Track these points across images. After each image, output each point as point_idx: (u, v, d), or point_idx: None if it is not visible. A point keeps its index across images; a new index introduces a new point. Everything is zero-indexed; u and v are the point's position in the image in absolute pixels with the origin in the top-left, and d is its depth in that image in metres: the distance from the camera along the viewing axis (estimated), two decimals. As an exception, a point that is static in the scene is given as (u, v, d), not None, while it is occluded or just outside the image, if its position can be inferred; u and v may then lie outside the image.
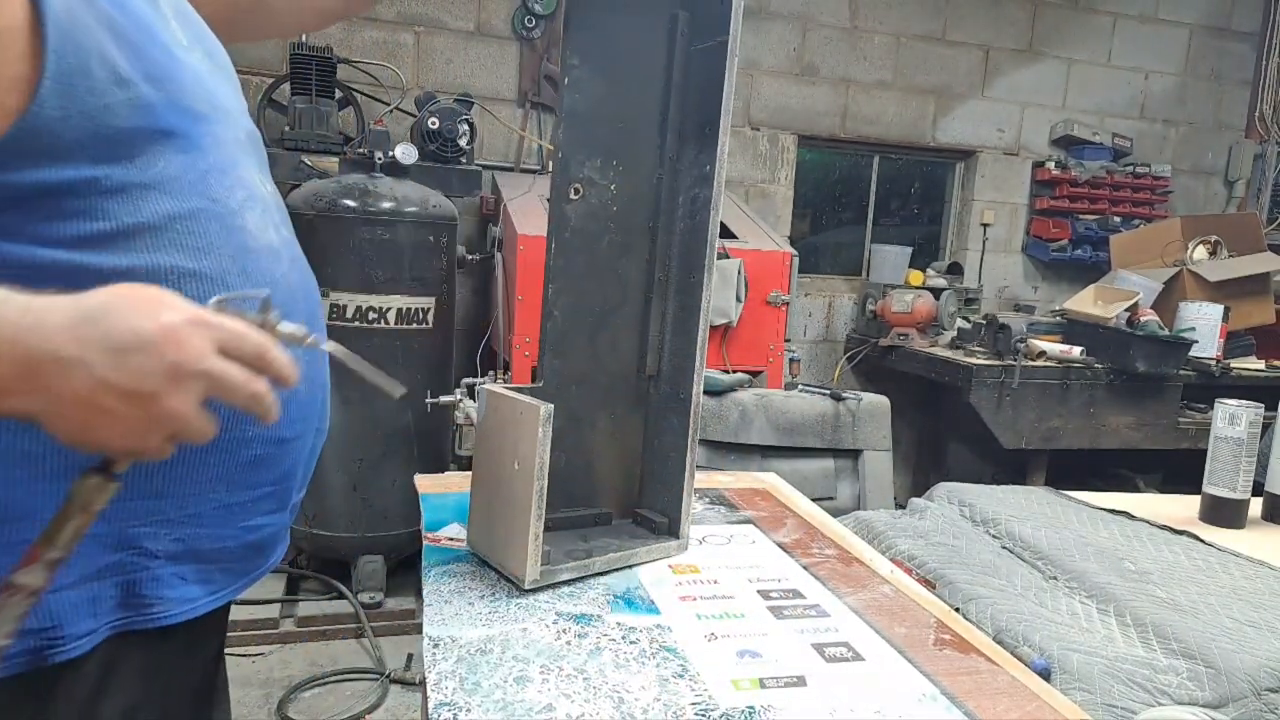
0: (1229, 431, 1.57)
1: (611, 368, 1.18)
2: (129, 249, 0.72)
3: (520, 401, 0.98)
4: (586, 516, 1.17)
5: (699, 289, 1.11)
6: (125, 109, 0.71)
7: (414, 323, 3.24)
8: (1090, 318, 4.30)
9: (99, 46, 0.69)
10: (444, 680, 0.80)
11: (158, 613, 0.77)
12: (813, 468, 3.36)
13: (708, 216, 1.10)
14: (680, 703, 0.79)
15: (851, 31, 5.00)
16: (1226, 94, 5.78)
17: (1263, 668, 1.02)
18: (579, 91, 1.08)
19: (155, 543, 0.75)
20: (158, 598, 0.77)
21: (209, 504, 0.79)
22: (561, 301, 1.12)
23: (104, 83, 0.69)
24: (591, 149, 1.11)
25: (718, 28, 1.07)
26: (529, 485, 0.95)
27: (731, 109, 1.09)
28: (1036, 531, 1.44)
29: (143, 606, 0.76)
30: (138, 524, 0.74)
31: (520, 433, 0.97)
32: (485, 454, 1.05)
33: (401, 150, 3.36)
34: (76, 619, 0.71)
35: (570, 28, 1.07)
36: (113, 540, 0.73)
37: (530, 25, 4.38)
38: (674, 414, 1.15)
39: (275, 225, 0.87)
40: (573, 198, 1.11)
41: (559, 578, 1.02)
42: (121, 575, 0.74)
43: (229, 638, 3.19)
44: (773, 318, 3.82)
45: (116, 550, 0.73)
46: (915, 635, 0.96)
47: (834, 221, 5.45)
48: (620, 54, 1.11)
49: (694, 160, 1.13)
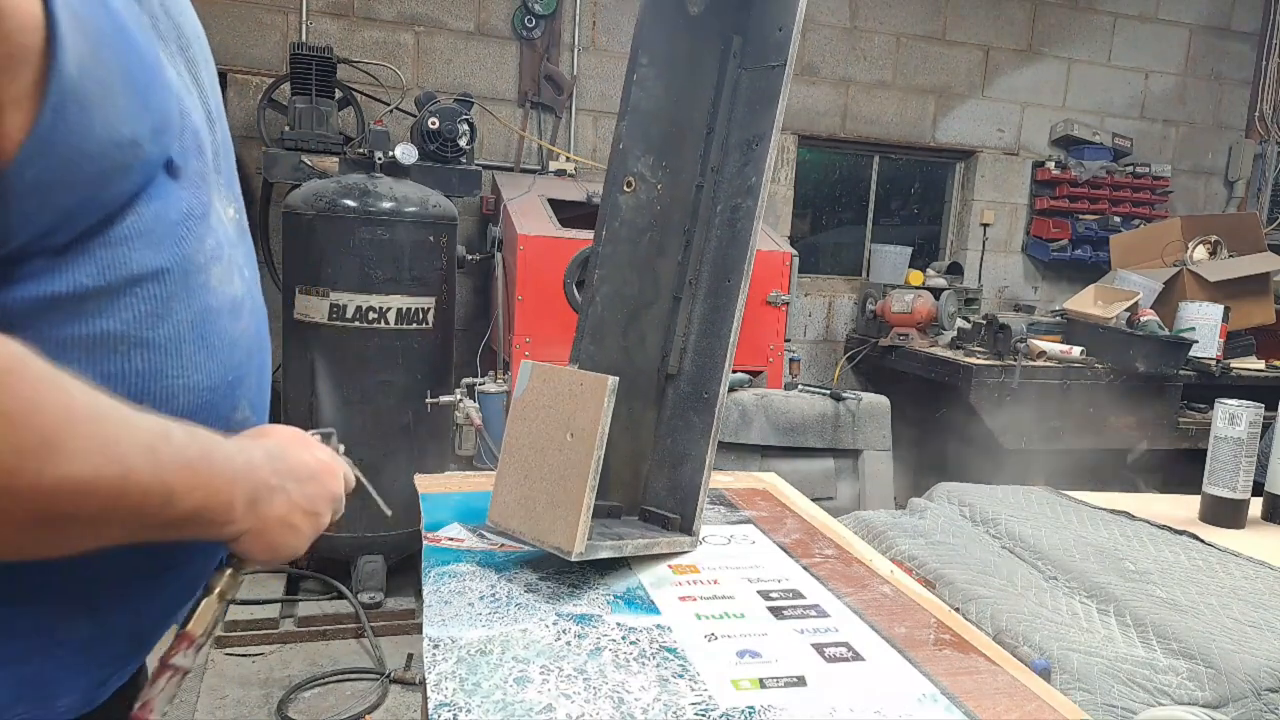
0: (1229, 431, 1.57)
1: (638, 363, 1.21)
2: (79, 315, 0.63)
3: (581, 373, 1.02)
4: (600, 508, 1.18)
5: (735, 292, 1.15)
6: (116, 173, 0.62)
7: (414, 323, 3.24)
8: (1090, 318, 4.30)
9: (105, 101, 0.60)
10: (444, 680, 0.80)
11: (62, 707, 0.70)
12: (813, 468, 3.36)
13: (750, 226, 1.14)
14: (680, 703, 0.79)
15: (851, 31, 5.00)
16: (1226, 94, 5.78)
17: (1263, 668, 1.02)
18: (643, 89, 1.15)
19: (68, 630, 0.69)
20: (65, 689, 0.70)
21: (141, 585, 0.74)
22: (604, 289, 1.17)
23: (102, 146, 0.60)
24: (647, 146, 1.18)
25: (773, 52, 1.15)
26: (586, 455, 0.97)
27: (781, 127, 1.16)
28: (1036, 531, 1.44)
29: (45, 699, 0.68)
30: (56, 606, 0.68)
31: (578, 405, 1.00)
32: (526, 428, 1.06)
33: (401, 150, 3.36)
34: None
35: (644, 27, 1.14)
36: (24, 626, 0.66)
37: (530, 25, 4.38)
38: (695, 413, 1.17)
39: (239, 268, 0.79)
40: (626, 190, 1.15)
41: (599, 554, 1.02)
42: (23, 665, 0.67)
43: (229, 638, 3.19)
44: (773, 318, 3.82)
45: (25, 637, 0.66)
46: (915, 635, 0.96)
47: (834, 221, 5.46)
48: (680, 64, 1.18)
49: (738, 172, 1.18)
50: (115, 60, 0.61)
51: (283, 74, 3.81)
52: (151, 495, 0.60)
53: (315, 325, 3.17)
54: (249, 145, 3.88)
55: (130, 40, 0.63)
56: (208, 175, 0.75)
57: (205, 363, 0.73)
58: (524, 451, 1.05)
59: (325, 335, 3.17)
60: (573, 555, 0.97)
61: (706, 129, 1.20)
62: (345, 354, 3.18)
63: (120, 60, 0.61)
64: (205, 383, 0.73)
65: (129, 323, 0.66)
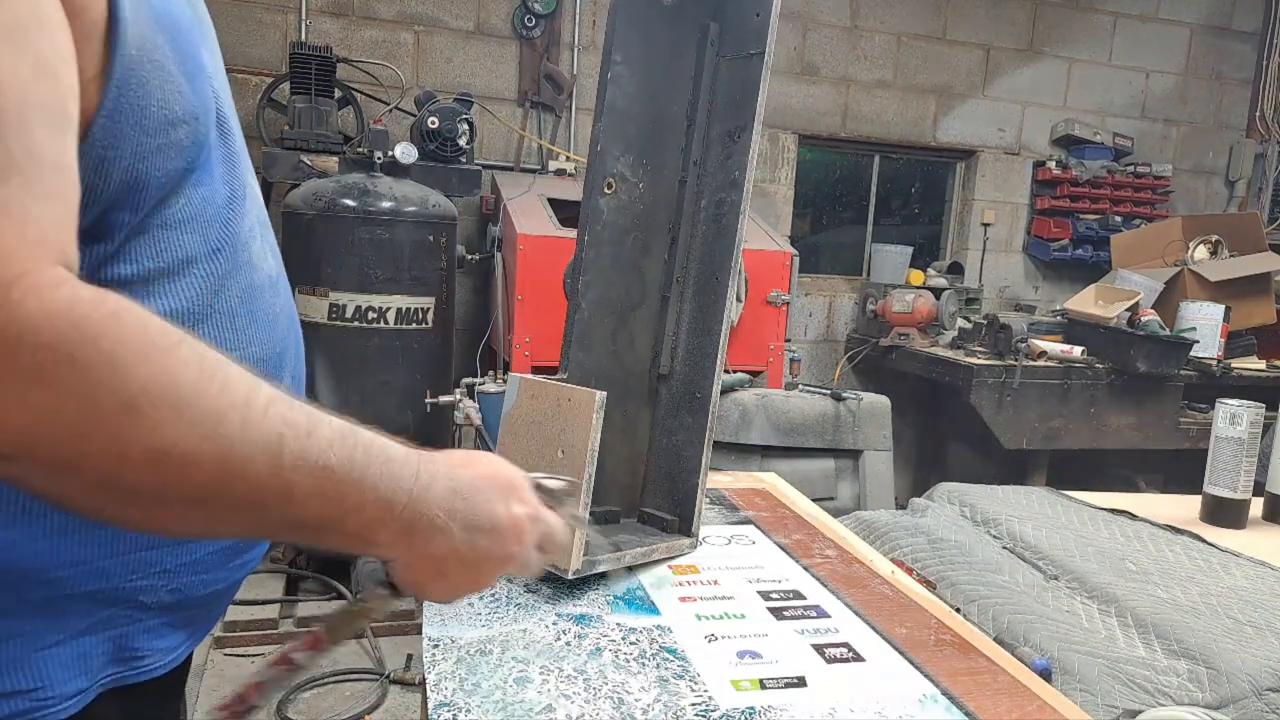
0: (1230, 431, 1.57)
1: (629, 365, 1.19)
2: (147, 296, 0.66)
3: (568, 389, 0.98)
4: (598, 514, 1.17)
5: (722, 290, 1.12)
6: (172, 151, 0.64)
7: (414, 323, 3.24)
8: (1091, 318, 4.30)
9: (161, 81, 0.62)
10: (444, 681, 0.80)
11: (148, 664, 0.74)
12: (813, 468, 3.35)
13: (735, 220, 1.11)
14: (680, 703, 0.79)
15: (852, 31, 5.00)
16: (1227, 93, 5.77)
17: (1263, 668, 1.02)
18: (619, 87, 1.11)
19: (151, 595, 0.72)
20: (149, 649, 0.74)
21: (206, 549, 0.76)
22: (590, 295, 1.14)
23: (157, 124, 0.62)
24: (626, 145, 1.14)
25: (751, 40, 1.10)
26: (578, 474, 0.95)
27: (763, 118, 1.11)
28: (1037, 531, 1.44)
29: (134, 660, 0.73)
30: (137, 578, 0.71)
31: (567, 420, 0.97)
32: (517, 443, 1.05)
33: (401, 150, 3.36)
34: (66, 678, 0.68)
35: (616, 24, 1.10)
36: (108, 596, 0.69)
37: (530, 25, 4.38)
38: (688, 413, 1.16)
39: (272, 248, 0.83)
40: (606, 192, 1.13)
41: (597, 569, 1.01)
42: (113, 629, 0.71)
43: (229, 638, 3.19)
44: (773, 318, 3.82)
45: (110, 605, 0.70)
46: (915, 635, 0.96)
47: (834, 221, 5.45)
48: (656, 57, 1.14)
49: (721, 165, 1.15)
50: (167, 41, 0.63)
51: (282, 73, 3.80)
52: (265, 491, 0.55)
53: (315, 325, 3.16)
54: (249, 145, 3.82)
55: (177, 22, 0.65)
56: (242, 157, 0.79)
57: (255, 336, 0.75)
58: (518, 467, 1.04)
59: (325, 335, 3.17)
60: (569, 574, 0.97)
61: (687, 121, 1.17)
62: (345, 354, 3.18)
63: (171, 40, 0.64)
64: (257, 354, 0.75)
65: (191, 300, 0.68)
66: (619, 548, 1.07)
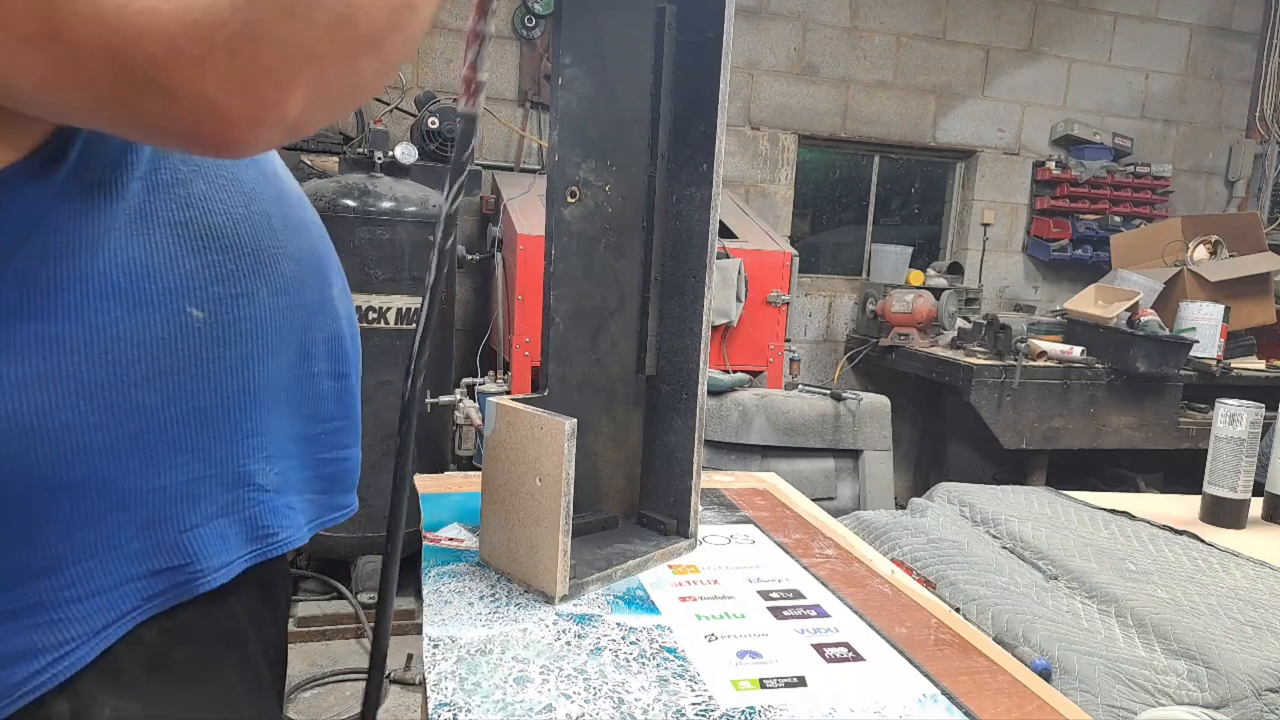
0: (1229, 431, 1.57)
1: (612, 370, 1.17)
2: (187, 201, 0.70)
3: (540, 417, 0.96)
4: (595, 522, 1.16)
5: (701, 288, 1.10)
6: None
7: (414, 323, 3.24)
8: (1091, 318, 4.30)
9: None
10: (444, 680, 0.80)
11: (283, 540, 0.80)
12: (813, 468, 3.36)
13: (707, 215, 1.09)
14: (680, 703, 0.79)
15: (852, 31, 5.00)
16: (1227, 94, 5.78)
17: (1263, 668, 1.02)
18: (572, 91, 1.06)
19: (263, 478, 0.79)
20: (279, 526, 0.80)
21: (288, 436, 0.83)
22: (563, 308, 1.11)
23: None
24: (587, 150, 1.09)
25: (709, 23, 1.06)
26: (555, 502, 0.94)
27: (728, 106, 1.08)
28: (1037, 531, 1.44)
29: (267, 537, 0.79)
30: (247, 460, 0.77)
31: (541, 449, 0.96)
32: (499, 469, 1.04)
33: (401, 150, 3.36)
34: (211, 554, 0.74)
35: (562, 26, 1.05)
36: (228, 479, 0.76)
37: (530, 25, 4.38)
38: (677, 414, 1.15)
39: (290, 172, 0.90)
40: (570, 201, 1.09)
41: (586, 591, 1.01)
42: (242, 511, 0.77)
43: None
44: (773, 318, 3.82)
45: (233, 488, 0.76)
46: (915, 635, 0.96)
47: (834, 221, 5.46)
48: (611, 51, 1.09)
49: (689, 158, 1.12)
50: None
51: (283, 74, 3.80)
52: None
53: (315, 325, 3.16)
54: (249, 145, 3.88)
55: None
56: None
57: (294, 236, 0.79)
58: (500, 494, 1.04)
59: (325, 335, 3.16)
60: (556, 600, 0.97)
61: (651, 113, 1.12)
62: (345, 354, 3.18)
63: None
64: (300, 254, 0.79)
65: (228, 200, 0.73)
66: (610, 562, 1.06)
